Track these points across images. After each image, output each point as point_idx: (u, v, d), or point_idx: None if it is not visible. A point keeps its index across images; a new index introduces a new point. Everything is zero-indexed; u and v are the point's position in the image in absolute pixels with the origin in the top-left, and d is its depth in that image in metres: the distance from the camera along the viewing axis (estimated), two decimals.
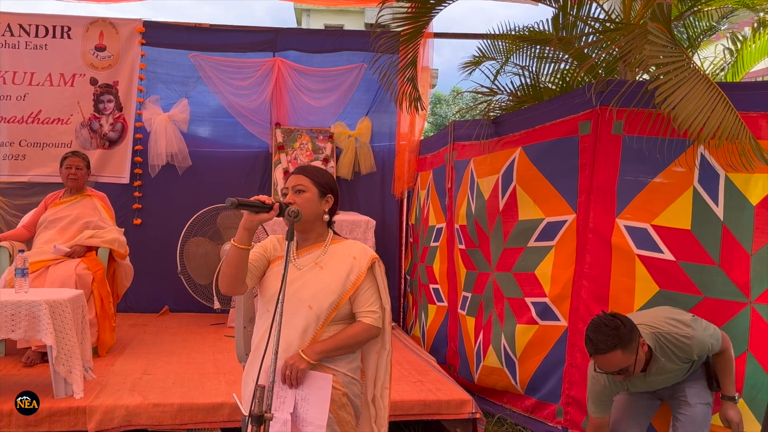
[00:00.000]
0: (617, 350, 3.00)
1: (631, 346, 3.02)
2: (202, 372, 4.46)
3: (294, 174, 2.61)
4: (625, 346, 3.00)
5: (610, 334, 3.00)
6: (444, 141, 5.82)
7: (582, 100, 4.15)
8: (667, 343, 3.15)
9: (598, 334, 3.04)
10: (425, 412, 4.00)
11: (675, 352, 3.16)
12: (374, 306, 2.59)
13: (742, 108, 3.50)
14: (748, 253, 3.54)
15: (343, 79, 7.07)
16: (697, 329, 3.16)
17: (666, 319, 3.23)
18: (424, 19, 5.11)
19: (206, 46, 6.89)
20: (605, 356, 3.03)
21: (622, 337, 3.00)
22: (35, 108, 6.58)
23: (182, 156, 6.81)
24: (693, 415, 3.25)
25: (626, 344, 3.01)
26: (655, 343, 3.15)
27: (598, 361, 3.10)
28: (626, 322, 3.05)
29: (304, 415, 2.42)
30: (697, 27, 5.74)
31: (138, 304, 6.70)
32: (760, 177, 3.52)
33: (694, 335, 3.13)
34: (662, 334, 3.16)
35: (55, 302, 3.74)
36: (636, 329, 3.07)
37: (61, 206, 5.15)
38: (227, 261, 2.44)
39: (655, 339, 3.15)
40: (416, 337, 6.29)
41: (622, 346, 3.00)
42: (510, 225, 4.65)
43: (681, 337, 3.14)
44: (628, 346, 3.01)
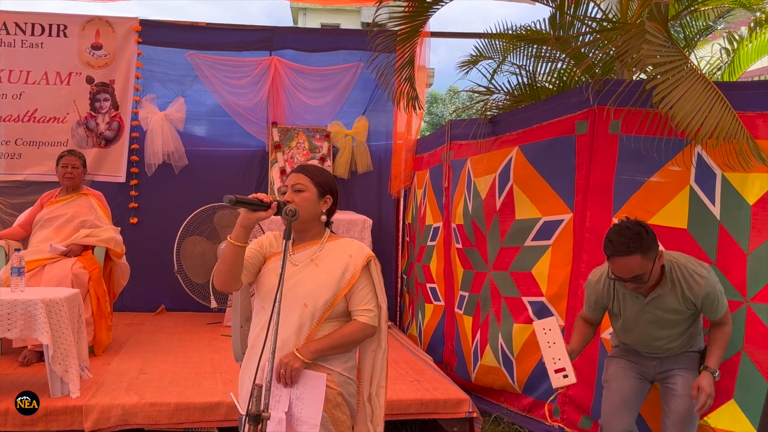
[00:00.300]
0: (637, 254, 2.98)
1: (651, 254, 3.01)
2: (198, 371, 4.45)
3: (294, 172, 2.60)
4: (645, 252, 2.98)
5: (633, 238, 2.98)
6: (441, 140, 5.82)
7: (579, 100, 4.15)
8: (680, 273, 3.13)
9: (620, 236, 3.01)
10: (422, 411, 4.00)
11: (683, 286, 3.13)
12: (370, 304, 2.58)
13: (739, 107, 3.50)
14: (744, 253, 3.54)
15: (339, 78, 7.07)
16: (711, 276, 3.14)
17: (687, 257, 3.23)
18: (421, 18, 5.11)
19: (203, 44, 6.88)
20: (624, 259, 3.00)
21: (643, 242, 2.98)
22: (31, 106, 6.56)
23: (179, 155, 6.80)
24: (681, 411, 3.23)
25: (646, 250, 2.99)
26: (669, 269, 3.14)
27: (615, 264, 3.06)
28: (649, 231, 3.03)
29: (299, 414, 2.42)
30: (694, 26, 5.75)
31: (134, 303, 6.68)
32: (757, 176, 3.52)
33: (707, 277, 3.11)
34: (679, 264, 3.15)
35: (52, 301, 3.73)
36: (656, 241, 3.05)
37: (57, 205, 5.13)
38: (223, 258, 2.44)
39: (669, 265, 3.15)
40: (413, 336, 6.29)
41: (642, 251, 2.98)
42: (507, 224, 4.65)
43: (695, 274, 3.12)
44: (647, 253, 2.99)
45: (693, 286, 3.12)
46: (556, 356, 3.27)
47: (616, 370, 3.46)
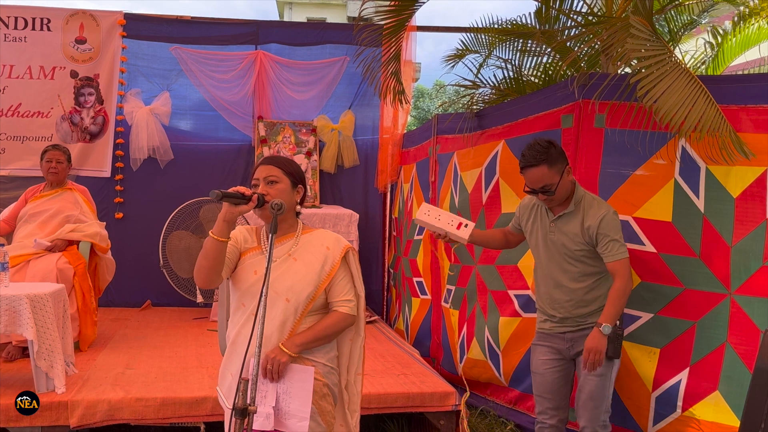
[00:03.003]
0: (543, 165, 3.23)
1: (557, 166, 3.25)
2: (184, 366, 4.44)
3: (263, 164, 2.57)
4: (551, 163, 3.23)
5: (539, 150, 3.25)
6: (427, 134, 5.82)
7: (564, 94, 4.16)
8: (586, 199, 3.36)
9: (530, 149, 3.29)
10: (409, 404, 4.02)
11: (586, 210, 3.33)
12: (349, 295, 2.59)
13: (722, 101, 3.52)
14: (728, 245, 3.57)
15: (325, 72, 7.06)
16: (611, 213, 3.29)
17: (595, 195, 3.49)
18: (406, 12, 5.10)
19: (187, 38, 6.85)
20: (532, 170, 3.26)
21: (550, 154, 3.24)
22: (15, 101, 6.50)
23: (164, 149, 6.77)
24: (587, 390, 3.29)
25: (553, 162, 3.24)
26: (578, 194, 3.36)
27: (526, 176, 3.32)
28: (557, 146, 3.31)
29: (287, 408, 2.43)
30: (679, 21, 5.78)
31: (120, 298, 6.66)
32: (740, 170, 3.54)
33: (608, 209, 3.30)
34: (588, 193, 3.42)
35: (36, 296, 3.71)
36: (565, 157, 3.32)
37: (41, 200, 5.10)
38: (204, 254, 2.42)
39: (580, 192, 3.38)
40: (400, 330, 6.30)
41: (549, 162, 3.23)
42: (493, 218, 4.66)
43: (594, 200, 3.37)
44: (554, 165, 3.24)
45: (595, 211, 3.30)
46: (448, 220, 3.58)
47: (538, 362, 3.54)
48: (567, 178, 3.30)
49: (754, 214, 3.50)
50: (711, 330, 3.57)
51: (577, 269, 3.35)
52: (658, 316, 3.74)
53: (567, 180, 3.30)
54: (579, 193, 3.37)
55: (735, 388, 3.48)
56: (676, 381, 3.67)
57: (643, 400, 3.76)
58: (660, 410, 3.71)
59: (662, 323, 3.73)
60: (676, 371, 3.68)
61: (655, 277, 3.75)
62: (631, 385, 3.81)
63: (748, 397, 2.25)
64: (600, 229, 3.25)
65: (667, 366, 3.71)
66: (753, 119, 3.55)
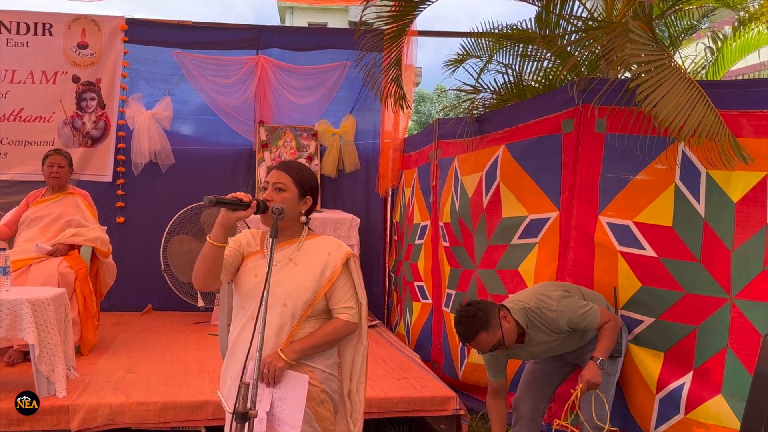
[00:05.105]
0: (480, 333, 3.24)
1: (492, 325, 3.25)
2: (185, 370, 4.45)
3: (276, 169, 2.56)
4: (486, 328, 3.23)
5: (469, 323, 3.25)
6: (428, 139, 5.83)
7: (565, 98, 4.17)
8: (535, 316, 3.38)
9: (459, 325, 3.30)
10: (410, 409, 4.02)
11: (544, 324, 3.37)
12: (350, 302, 2.57)
13: (722, 106, 3.52)
14: (729, 250, 3.57)
15: (326, 76, 7.07)
16: (561, 304, 3.37)
17: (537, 295, 3.47)
18: (407, 17, 5.11)
19: (189, 43, 6.87)
20: (473, 342, 3.28)
21: (479, 321, 3.23)
22: (17, 106, 6.52)
23: (165, 154, 6.78)
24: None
25: (486, 325, 3.24)
26: (525, 318, 3.37)
27: (472, 346, 3.33)
28: (481, 306, 3.29)
29: (280, 414, 2.42)
30: (679, 26, 5.78)
31: (121, 302, 6.64)
32: (740, 174, 3.54)
33: (557, 309, 3.35)
34: (531, 309, 3.39)
35: (38, 301, 3.72)
36: (492, 308, 3.31)
37: (43, 204, 5.10)
38: (202, 258, 2.42)
39: (524, 314, 3.38)
40: (401, 334, 6.30)
41: (484, 328, 3.23)
42: (494, 222, 4.67)
43: (546, 311, 3.37)
44: (488, 327, 3.24)
45: (551, 322, 3.37)
46: None
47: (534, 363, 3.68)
48: (506, 324, 3.30)
49: (755, 219, 3.50)
50: (712, 334, 3.57)
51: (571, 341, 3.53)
52: (660, 321, 3.74)
53: (507, 325, 3.31)
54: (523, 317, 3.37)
55: (737, 392, 3.48)
56: (680, 384, 3.66)
57: (647, 402, 3.76)
58: (663, 412, 3.71)
59: (664, 328, 3.73)
60: (680, 374, 3.67)
61: (656, 282, 3.75)
62: (636, 387, 3.82)
63: (749, 401, 2.24)
64: (570, 323, 3.37)
65: (671, 369, 3.71)
66: (753, 124, 3.55)
